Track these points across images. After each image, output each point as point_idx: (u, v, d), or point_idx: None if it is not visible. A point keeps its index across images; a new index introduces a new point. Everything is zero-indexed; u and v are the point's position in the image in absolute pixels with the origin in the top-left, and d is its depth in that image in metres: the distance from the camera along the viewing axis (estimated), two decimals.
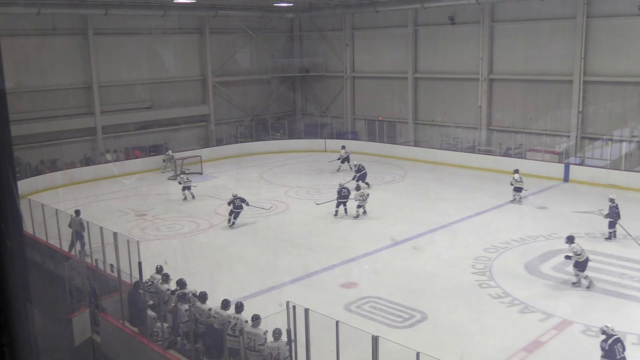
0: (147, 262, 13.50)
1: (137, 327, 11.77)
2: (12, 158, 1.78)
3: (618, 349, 9.66)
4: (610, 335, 9.74)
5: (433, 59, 31.62)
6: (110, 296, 12.74)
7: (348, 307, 13.22)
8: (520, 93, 28.26)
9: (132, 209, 22.38)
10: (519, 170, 21.61)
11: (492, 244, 17.07)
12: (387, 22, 32.83)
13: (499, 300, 13.41)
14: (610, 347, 9.65)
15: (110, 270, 13.76)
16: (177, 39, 33.05)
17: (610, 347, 9.66)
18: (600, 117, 25.60)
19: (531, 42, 27.34)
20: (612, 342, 9.68)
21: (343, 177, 23.53)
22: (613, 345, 9.66)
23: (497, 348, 11.38)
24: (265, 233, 19.22)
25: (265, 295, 14.02)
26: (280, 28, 37.51)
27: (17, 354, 1.70)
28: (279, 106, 37.99)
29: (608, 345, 9.67)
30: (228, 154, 32.17)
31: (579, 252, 13.81)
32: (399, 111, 33.35)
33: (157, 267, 12.98)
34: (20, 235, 1.81)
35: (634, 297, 13.38)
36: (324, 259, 16.35)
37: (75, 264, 13.55)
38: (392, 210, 21.32)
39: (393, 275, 15.18)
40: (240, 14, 33.78)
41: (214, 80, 34.18)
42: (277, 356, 9.27)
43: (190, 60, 33.67)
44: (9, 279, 1.68)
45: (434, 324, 12.43)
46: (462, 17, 29.59)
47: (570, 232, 17.62)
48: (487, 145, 29.18)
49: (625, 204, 20.63)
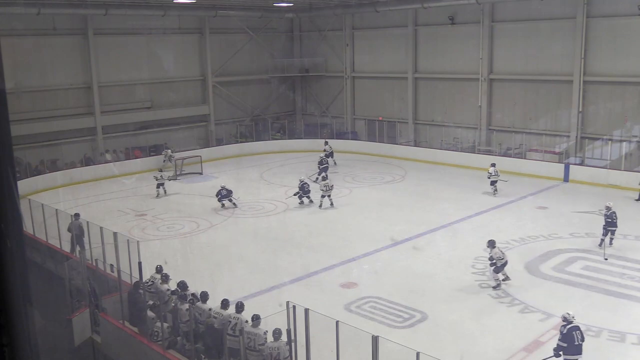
0: (147, 262, 13.50)
1: (137, 327, 11.77)
2: (12, 158, 1.78)
3: (576, 336, 10.01)
4: (570, 322, 10.11)
5: (433, 59, 31.62)
6: (110, 296, 12.74)
7: (348, 307, 13.23)
8: (520, 93, 28.27)
9: (132, 209, 22.38)
10: (495, 164, 22.64)
11: None
12: (387, 22, 32.83)
13: (499, 300, 13.42)
14: (568, 332, 10.01)
15: (110, 270, 13.77)
16: (177, 39, 33.05)
17: (568, 332, 10.02)
18: (600, 117, 25.60)
19: (531, 42, 27.34)
20: (570, 328, 10.05)
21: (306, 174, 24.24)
22: (571, 331, 10.01)
23: (497, 348, 11.38)
24: (265, 233, 19.22)
25: (265, 295, 14.02)
26: (280, 28, 37.52)
27: (17, 354, 1.70)
28: (279, 106, 37.99)
29: (566, 329, 10.03)
30: (228, 154, 32.18)
31: (501, 257, 13.93)
32: (399, 111, 33.35)
33: (157, 267, 12.97)
34: (20, 235, 1.81)
35: (634, 297, 13.38)
36: (324, 259, 16.35)
37: (75, 264, 13.55)
38: (392, 210, 21.32)
39: (393, 275, 15.18)
40: (240, 14, 33.79)
41: (214, 80, 34.19)
42: (277, 356, 9.28)
43: (190, 60, 33.67)
44: (9, 279, 1.68)
45: (434, 324, 12.43)
46: (462, 17, 29.60)
47: (569, 232, 17.75)
48: (487, 145, 29.18)
49: (625, 203, 20.67)
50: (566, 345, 9.98)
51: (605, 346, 11.33)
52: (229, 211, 21.63)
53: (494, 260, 13.94)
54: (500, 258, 13.93)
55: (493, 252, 13.99)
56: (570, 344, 9.98)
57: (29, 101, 27.20)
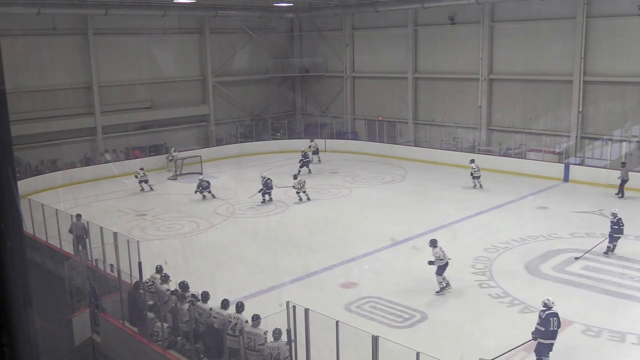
0: (147, 262, 13.51)
1: (137, 327, 11.77)
2: (12, 158, 1.78)
3: (553, 322, 10.38)
4: (550, 308, 10.49)
5: (433, 59, 31.62)
6: (110, 296, 12.74)
7: (348, 307, 13.22)
8: (520, 93, 28.27)
9: (132, 209, 22.38)
10: (474, 160, 23.80)
11: (492, 244, 17.06)
12: (387, 22, 32.83)
13: (499, 300, 13.41)
14: (546, 317, 10.40)
15: (110, 270, 13.77)
16: (177, 39, 33.05)
17: (547, 317, 10.40)
18: (600, 117, 25.61)
19: (531, 42, 27.34)
20: (549, 313, 10.43)
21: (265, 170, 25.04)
22: (549, 317, 10.39)
23: (497, 348, 11.37)
24: (265, 233, 19.22)
25: (265, 295, 14.02)
26: (280, 28, 37.51)
27: (17, 354, 1.69)
28: (279, 106, 37.99)
29: (545, 315, 10.44)
30: (228, 154, 32.17)
31: (442, 257, 13.66)
32: (399, 111, 33.35)
33: (157, 267, 12.97)
34: (20, 235, 1.81)
35: (634, 297, 13.38)
36: (324, 259, 16.34)
37: (75, 264, 13.55)
38: (392, 210, 21.32)
39: (393, 275, 15.18)
40: (240, 14, 33.78)
41: (214, 80, 34.19)
42: (277, 356, 9.28)
43: (190, 60, 33.67)
44: (9, 279, 1.68)
45: (434, 324, 12.43)
46: (462, 17, 29.60)
47: (569, 232, 17.74)
48: (487, 145, 29.19)
49: (625, 203, 20.67)
50: (543, 329, 10.39)
51: (605, 346, 11.33)
52: (228, 211, 21.64)
53: (434, 260, 13.63)
54: (440, 258, 13.59)
55: (434, 251, 13.67)
56: (546, 329, 10.40)
57: (29, 101, 27.20)
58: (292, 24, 37.80)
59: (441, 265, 13.70)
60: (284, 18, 36.43)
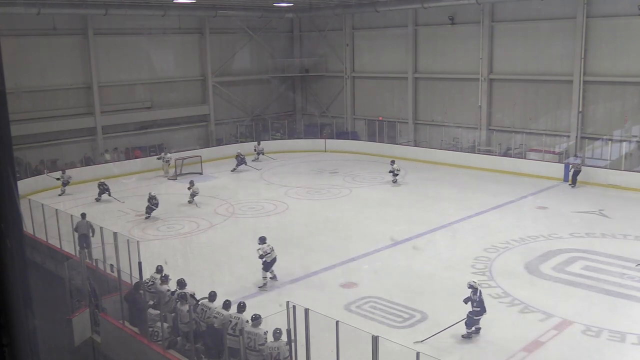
0: (147, 262, 13.50)
1: (137, 327, 11.77)
2: (12, 158, 1.78)
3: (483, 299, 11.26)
4: (477, 289, 11.09)
5: (433, 59, 31.62)
6: (110, 296, 12.73)
7: (348, 307, 13.22)
8: (520, 93, 28.26)
9: (132, 209, 22.37)
10: (395, 161, 25.06)
11: (492, 244, 17.06)
12: (387, 22, 32.83)
13: (498, 300, 13.40)
14: (480, 298, 11.01)
15: (110, 270, 13.77)
16: (177, 39, 33.04)
17: (480, 298, 11.01)
18: (600, 117, 25.60)
19: (531, 42, 27.34)
20: (480, 292, 11.03)
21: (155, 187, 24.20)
22: (481, 296, 11.05)
23: (497, 348, 11.38)
24: (265, 233, 19.09)
25: (265, 295, 14.03)
26: (280, 28, 37.51)
27: (17, 354, 1.70)
28: (279, 106, 37.99)
29: (478, 297, 11.01)
30: (228, 154, 32.10)
31: (268, 252, 14.20)
32: (399, 111, 33.35)
33: (157, 267, 12.97)
34: (20, 235, 1.81)
35: (634, 297, 13.38)
36: (324, 259, 16.34)
37: (75, 264, 13.55)
38: (392, 210, 21.32)
39: (393, 275, 15.18)
40: (240, 14, 33.78)
41: (214, 80, 34.18)
42: (277, 356, 9.28)
43: (190, 60, 33.66)
44: (9, 279, 1.68)
45: (434, 324, 12.42)
46: (462, 17, 29.59)
47: (569, 232, 17.75)
48: (487, 145, 29.18)
49: (625, 204, 20.68)
50: (479, 309, 11.02)
51: (605, 346, 11.32)
52: (228, 211, 21.64)
53: (263, 256, 14.15)
54: (268, 253, 14.15)
55: (262, 247, 14.28)
56: (482, 308, 11.18)
57: (29, 101, 27.19)
58: (292, 24, 37.80)
59: (268, 262, 14.25)
60: (284, 18, 36.42)
